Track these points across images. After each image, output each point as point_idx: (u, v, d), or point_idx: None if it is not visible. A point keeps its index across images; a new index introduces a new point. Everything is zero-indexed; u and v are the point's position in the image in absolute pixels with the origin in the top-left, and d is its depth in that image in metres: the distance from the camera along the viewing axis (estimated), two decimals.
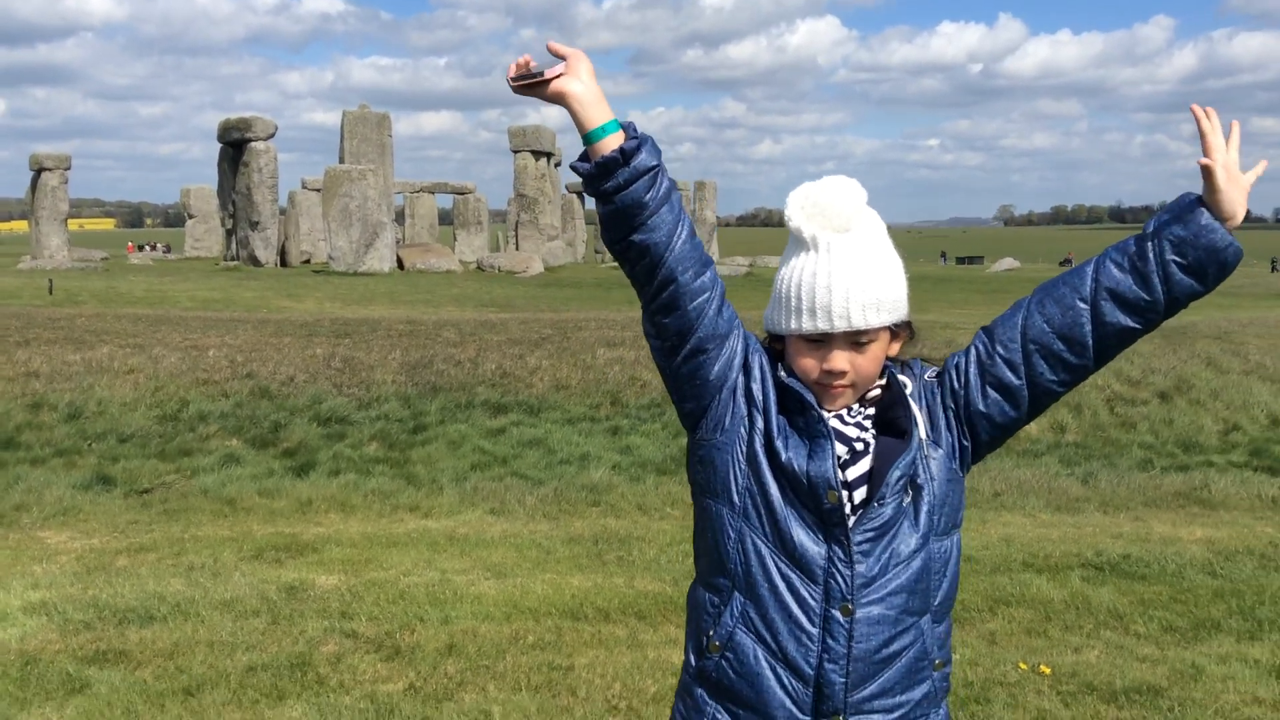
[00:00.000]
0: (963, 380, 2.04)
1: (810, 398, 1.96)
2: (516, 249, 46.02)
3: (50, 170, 43.11)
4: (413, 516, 8.32)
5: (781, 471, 1.96)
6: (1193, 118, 1.98)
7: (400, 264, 38.76)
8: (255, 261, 40.67)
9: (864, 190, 1.98)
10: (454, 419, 11.26)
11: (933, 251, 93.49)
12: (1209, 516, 8.86)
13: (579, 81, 1.93)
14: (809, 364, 1.96)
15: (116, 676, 4.75)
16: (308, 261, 43.74)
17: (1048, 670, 5.06)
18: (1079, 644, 5.50)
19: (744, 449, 1.99)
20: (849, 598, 1.93)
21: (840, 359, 1.94)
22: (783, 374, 2.01)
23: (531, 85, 1.94)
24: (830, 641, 1.94)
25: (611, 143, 1.91)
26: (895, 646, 1.97)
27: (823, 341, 1.94)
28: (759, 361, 2.03)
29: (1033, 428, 12.54)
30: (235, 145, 41.98)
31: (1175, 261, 1.91)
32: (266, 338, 14.41)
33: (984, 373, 2.02)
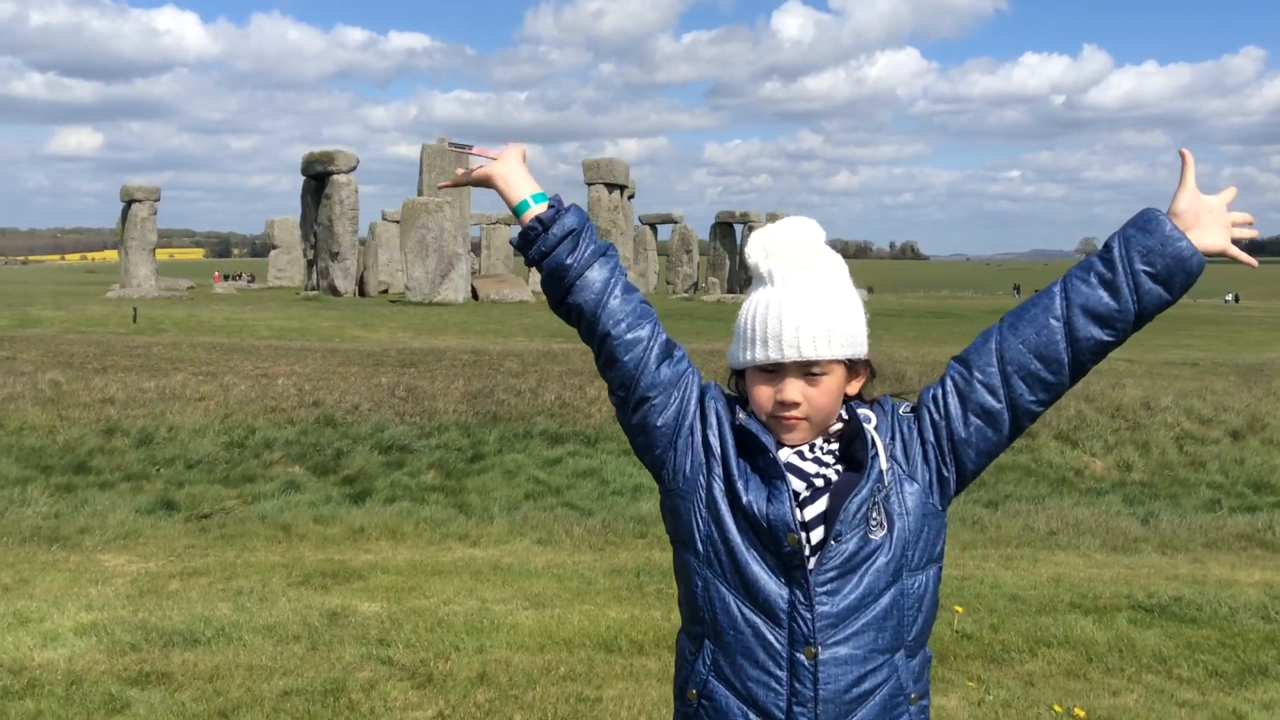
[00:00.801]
0: (942, 410, 2.04)
1: (766, 439, 1.98)
2: None
3: (140, 201, 44.46)
4: (461, 545, 8.43)
5: (743, 515, 1.97)
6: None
7: (474, 294, 39.28)
8: (334, 291, 41.50)
9: (822, 230, 2.03)
10: (512, 448, 11.40)
11: (1005, 284, 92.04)
12: (1270, 559, 8.62)
13: (502, 164, 2.16)
14: (763, 395, 1.99)
15: (156, 698, 4.89)
16: (385, 291, 44.49)
17: (1083, 714, 4.97)
18: (1118, 687, 5.40)
19: (704, 495, 2.01)
20: (812, 640, 1.94)
21: (792, 389, 1.96)
22: (741, 416, 2.03)
23: (461, 157, 2.20)
24: (797, 685, 1.95)
25: (533, 214, 2.09)
26: (866, 685, 1.96)
27: (776, 372, 1.97)
28: (715, 408, 2.06)
29: (1098, 466, 12.31)
30: (318, 178, 42.96)
31: (1145, 270, 1.95)
32: (335, 366, 14.73)
33: (964, 400, 2.03)
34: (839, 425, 2.04)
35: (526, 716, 4.84)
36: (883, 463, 2.01)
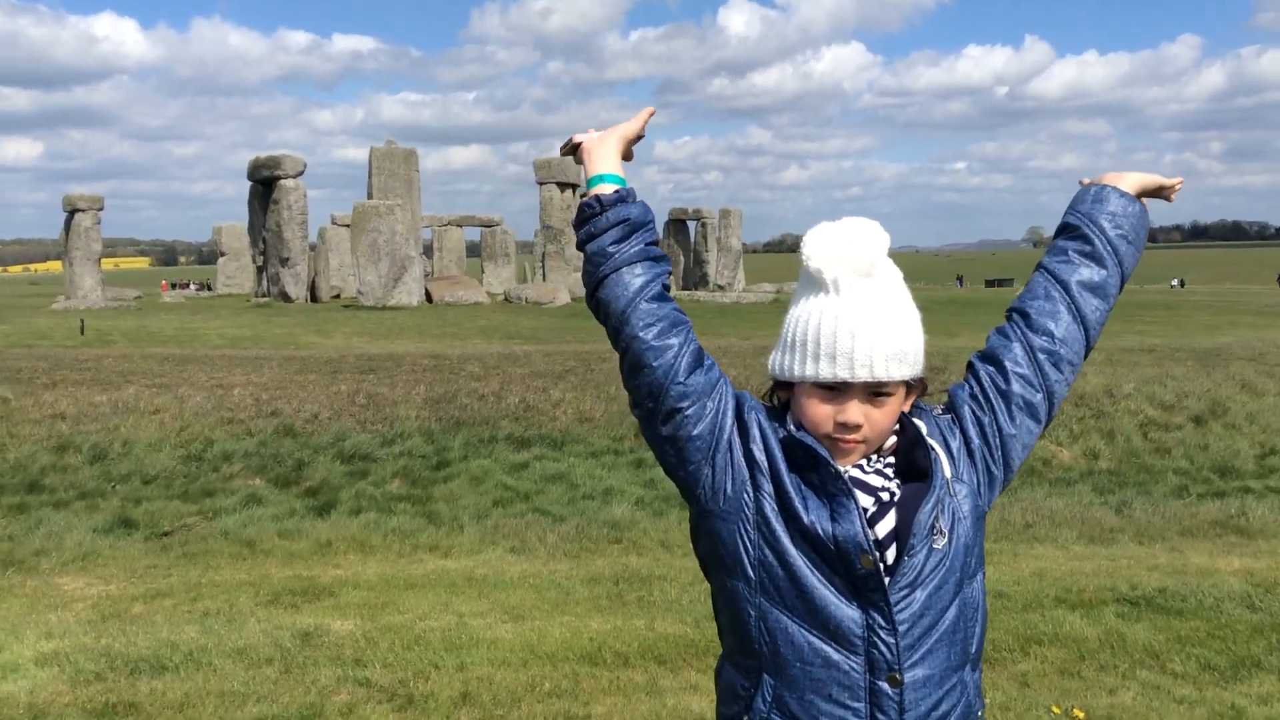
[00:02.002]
0: (987, 407, 1.96)
1: (823, 452, 1.83)
2: (544, 280, 46.11)
3: (83, 211, 43.63)
4: (432, 556, 8.22)
5: (803, 536, 1.81)
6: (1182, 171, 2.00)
7: (429, 297, 38.90)
8: (286, 298, 40.93)
9: (887, 235, 1.87)
10: (477, 454, 11.19)
11: (948, 275, 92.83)
12: (1247, 546, 8.62)
13: (596, 139, 2.03)
14: (821, 414, 1.83)
15: None
16: (338, 296, 43.97)
17: (1081, 714, 4.89)
18: (1114, 685, 5.32)
19: (751, 516, 1.84)
20: (895, 666, 1.80)
21: (856, 411, 1.82)
22: (791, 427, 1.88)
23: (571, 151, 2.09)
24: (880, 716, 1.81)
25: (596, 192, 1.95)
26: (944, 708, 1.85)
27: (839, 391, 1.82)
28: (756, 420, 1.89)
29: (1065, 455, 12.32)
30: (265, 183, 42.35)
31: (1118, 234, 2.07)
32: (291, 375, 14.43)
33: (1005, 396, 1.97)
34: (892, 440, 1.90)
35: None
36: (946, 470, 1.89)
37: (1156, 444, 12.59)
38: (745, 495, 1.85)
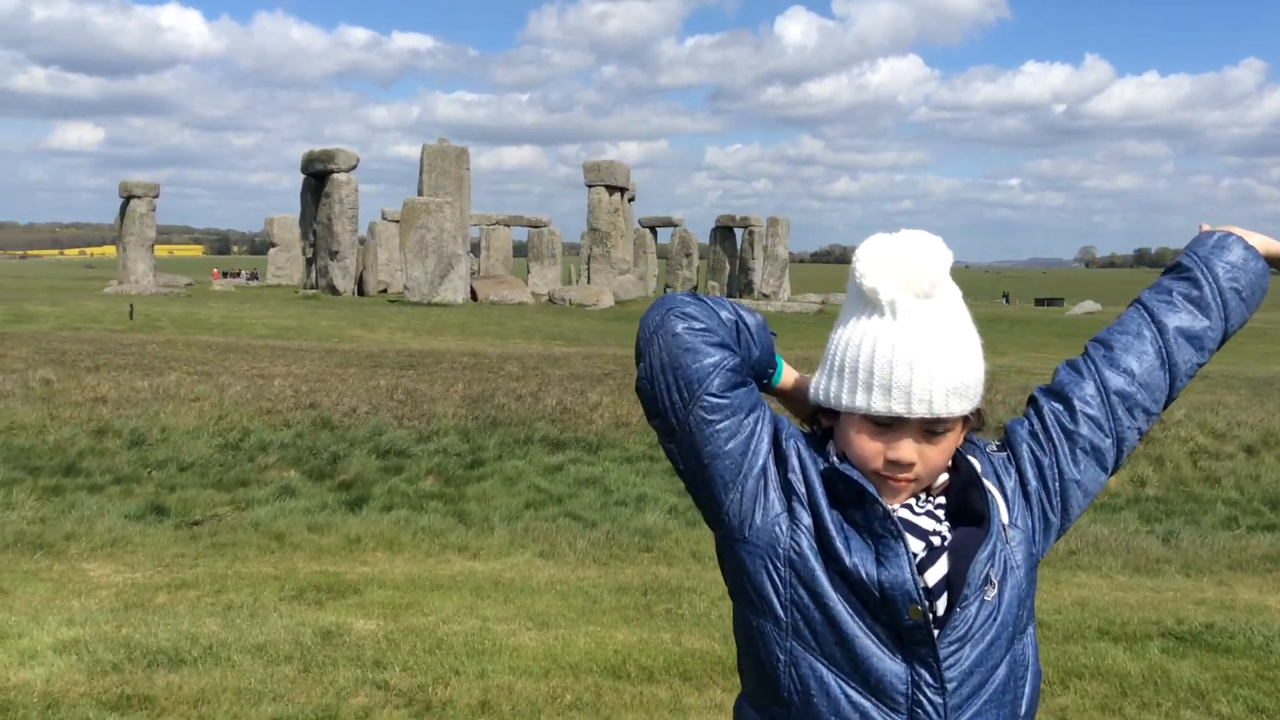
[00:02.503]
0: (1048, 448, 1.78)
1: (870, 488, 1.65)
2: (588, 282, 46.10)
3: (139, 198, 44.23)
4: (460, 557, 8.13)
5: (843, 578, 1.64)
6: None
7: (474, 295, 39.01)
8: (333, 290, 41.22)
9: (950, 251, 1.68)
10: (512, 454, 11.10)
11: (996, 292, 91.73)
12: None
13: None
14: (870, 450, 1.65)
15: None
16: (384, 291, 44.21)
17: None
18: None
19: (783, 551, 1.66)
20: None
21: (909, 449, 1.64)
22: (833, 458, 1.70)
23: None
24: None
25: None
26: None
27: (891, 426, 1.64)
28: (796, 448, 1.71)
29: (1112, 481, 12.03)
30: (318, 176, 42.70)
31: (1233, 288, 1.91)
32: (332, 368, 14.44)
33: (1070, 436, 1.78)
34: (944, 477, 1.73)
35: None
36: (1002, 514, 1.72)
37: (1206, 473, 12.26)
38: (779, 529, 1.67)
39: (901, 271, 1.64)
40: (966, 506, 1.69)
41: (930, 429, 1.64)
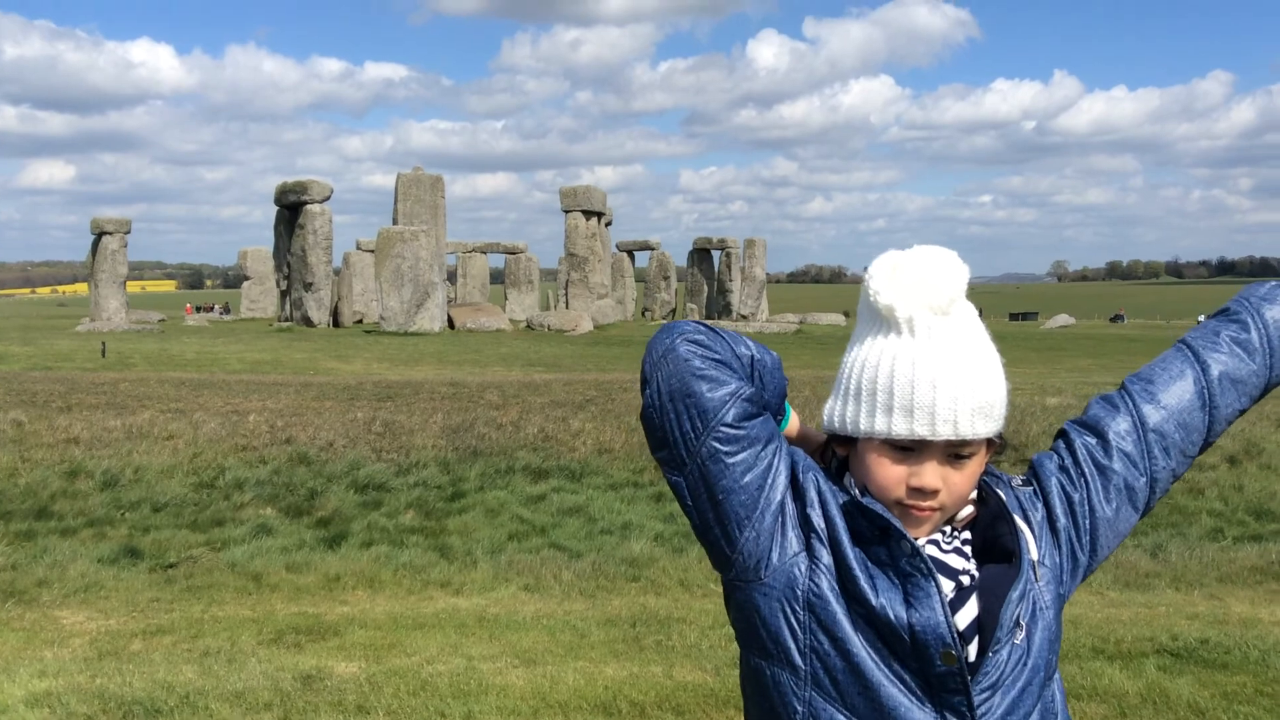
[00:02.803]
0: (1080, 483, 1.67)
1: (897, 522, 1.54)
2: (567, 307, 46.03)
3: (111, 234, 43.95)
4: (443, 594, 7.97)
5: (868, 622, 1.52)
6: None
7: (451, 323, 38.86)
8: (308, 322, 40.99)
9: (967, 266, 1.59)
10: (493, 485, 10.96)
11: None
12: None
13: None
14: (892, 477, 1.54)
15: None
16: (360, 322, 44.02)
17: None
18: None
19: (801, 594, 1.54)
20: None
21: (933, 474, 1.53)
22: (854, 491, 1.59)
23: None
24: None
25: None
26: None
27: (914, 450, 1.54)
28: (815, 481, 1.60)
29: None
30: (291, 208, 42.55)
31: None
32: (308, 401, 14.27)
33: (1103, 473, 1.67)
34: (969, 509, 1.62)
35: None
36: (1032, 551, 1.61)
37: (1190, 484, 12.23)
38: (797, 570, 1.55)
39: (918, 288, 1.54)
40: (995, 542, 1.59)
41: (955, 452, 1.53)
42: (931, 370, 1.51)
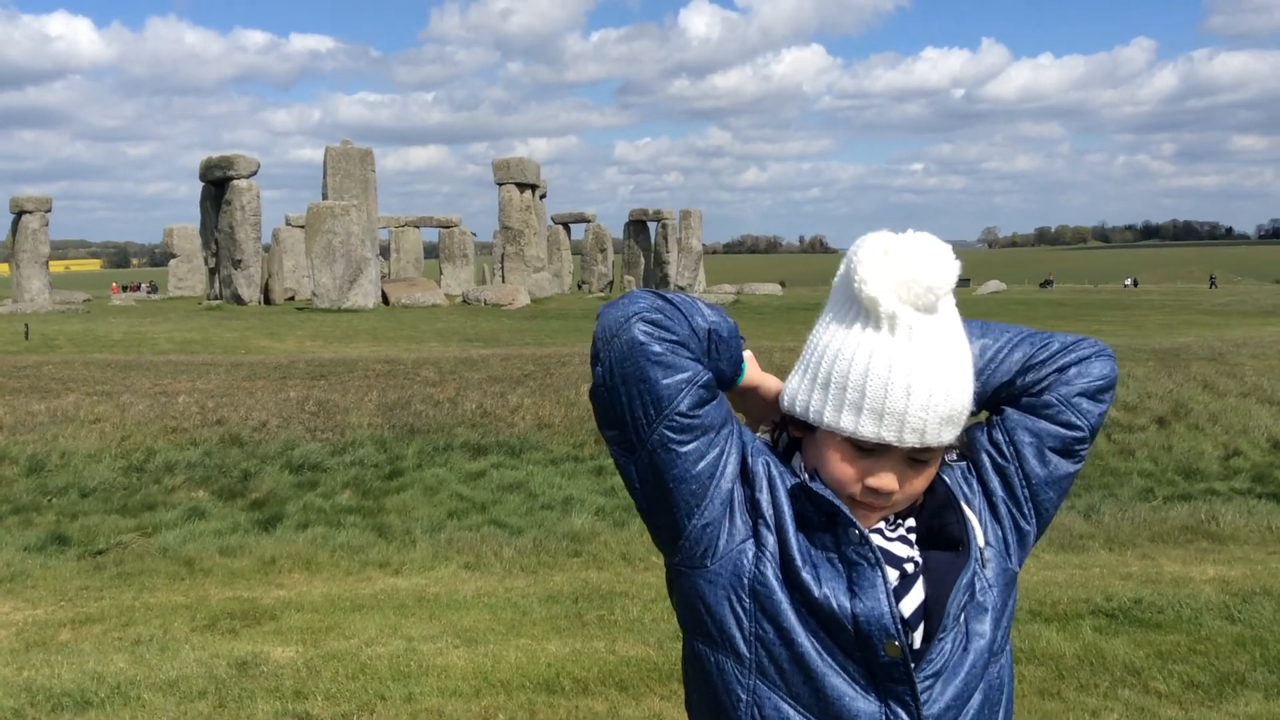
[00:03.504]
0: (1011, 453, 1.62)
1: (846, 509, 1.50)
2: (503, 281, 45.72)
3: (31, 213, 42.73)
4: (382, 574, 7.86)
5: (812, 611, 1.49)
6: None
7: (385, 299, 38.40)
8: (239, 300, 40.27)
9: (959, 261, 1.51)
10: (431, 462, 10.84)
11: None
12: (1219, 552, 8.47)
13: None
14: (850, 474, 1.50)
15: None
16: (292, 299, 43.35)
17: None
18: (1096, 706, 5.08)
19: (747, 582, 1.51)
20: None
21: (891, 477, 1.49)
22: (803, 475, 1.55)
23: None
24: None
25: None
26: None
27: (875, 451, 1.49)
28: (765, 465, 1.56)
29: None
30: (217, 184, 41.69)
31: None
32: (239, 381, 14.00)
33: (1038, 436, 1.62)
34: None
35: None
36: (979, 539, 1.58)
37: (1121, 445, 12.45)
38: (744, 556, 1.51)
39: (906, 284, 1.47)
40: (942, 530, 1.55)
41: (915, 456, 1.50)
42: (907, 376, 1.45)
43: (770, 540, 1.51)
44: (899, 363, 1.46)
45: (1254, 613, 6.47)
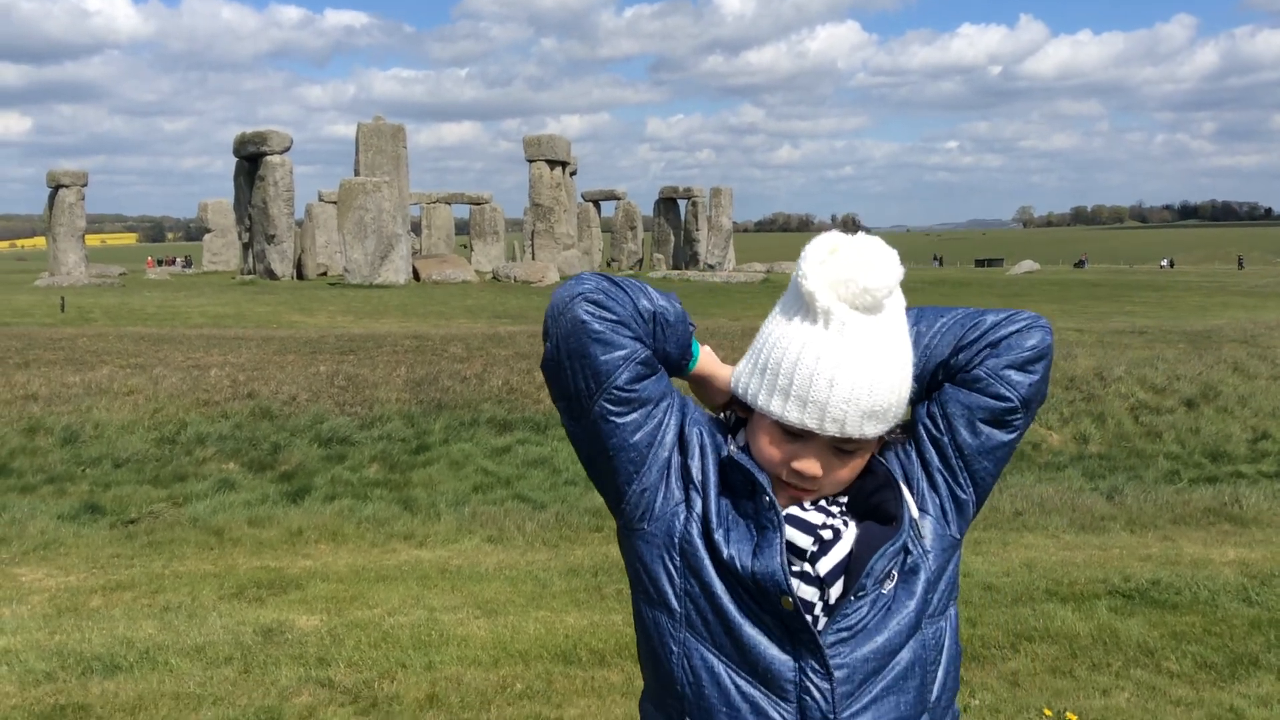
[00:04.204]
0: (944, 424, 1.69)
1: (762, 478, 1.60)
2: (532, 258, 45.80)
3: (67, 187, 43.13)
4: (406, 546, 7.99)
5: (724, 569, 1.60)
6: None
7: (416, 275, 38.57)
8: (271, 275, 40.58)
9: (902, 267, 1.59)
10: (458, 437, 10.96)
11: (929, 254, 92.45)
12: (1241, 535, 8.44)
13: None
14: (777, 456, 1.60)
15: None
16: (324, 274, 43.61)
17: (1074, 718, 4.69)
18: (1107, 685, 5.12)
19: (677, 541, 1.62)
20: (830, 715, 1.58)
21: (814, 463, 1.59)
22: (732, 447, 1.65)
23: None
24: None
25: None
26: None
27: (801, 436, 1.58)
28: (699, 434, 1.67)
29: (1055, 439, 12.14)
30: (251, 159, 41.93)
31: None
32: (270, 355, 14.16)
33: (969, 408, 1.68)
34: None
35: None
36: (912, 509, 1.66)
37: (1148, 427, 12.41)
38: (676, 518, 1.63)
39: (844, 283, 1.55)
40: (880, 508, 1.64)
41: (840, 446, 1.59)
42: (832, 368, 1.54)
43: (698, 504, 1.63)
44: (827, 355, 1.54)
45: (1272, 595, 6.47)
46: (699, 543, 1.61)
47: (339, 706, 4.77)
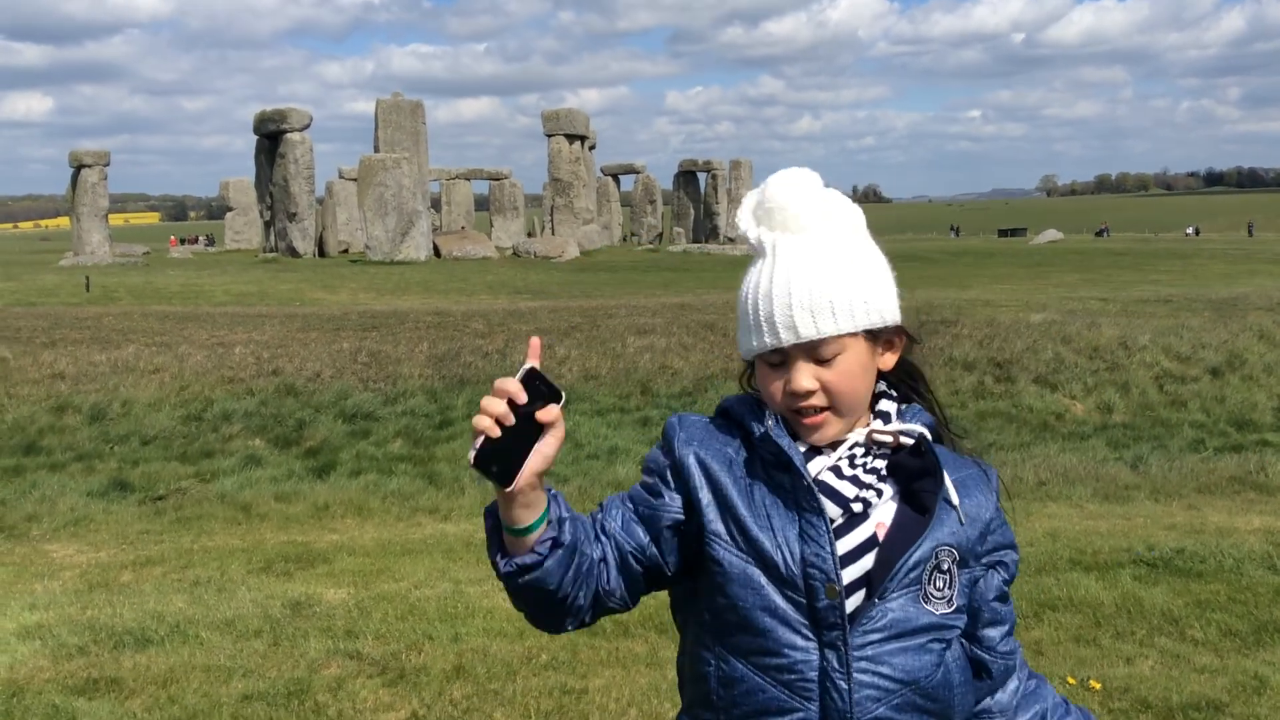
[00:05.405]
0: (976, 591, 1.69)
1: (799, 459, 1.57)
2: (552, 233, 45.80)
3: (90, 167, 43.39)
4: (431, 520, 8.06)
5: (761, 559, 1.56)
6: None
7: (437, 251, 38.65)
8: (293, 252, 40.75)
9: (817, 179, 1.66)
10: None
11: (966, 225, 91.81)
12: (1267, 503, 8.41)
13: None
14: (774, 389, 1.61)
15: (105, 708, 4.50)
16: (345, 251, 43.76)
17: (1098, 685, 4.69)
18: (1131, 653, 5.12)
19: (701, 547, 1.60)
20: (849, 715, 1.55)
21: (802, 376, 1.57)
22: (769, 424, 1.61)
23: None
24: None
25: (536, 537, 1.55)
26: None
27: (783, 362, 1.61)
28: (695, 456, 1.62)
29: (1079, 409, 12.10)
30: (271, 137, 42.05)
31: None
32: (294, 333, 14.26)
33: (975, 615, 1.69)
34: (888, 437, 1.63)
35: (508, 713, 4.49)
36: (953, 498, 1.63)
37: (1172, 396, 12.35)
38: (712, 534, 1.60)
39: (765, 209, 1.64)
40: (915, 495, 1.62)
41: (817, 357, 1.59)
42: (769, 284, 1.59)
43: (715, 520, 1.58)
44: (765, 276, 1.60)
45: None
46: (732, 535, 1.57)
47: (367, 678, 4.82)
